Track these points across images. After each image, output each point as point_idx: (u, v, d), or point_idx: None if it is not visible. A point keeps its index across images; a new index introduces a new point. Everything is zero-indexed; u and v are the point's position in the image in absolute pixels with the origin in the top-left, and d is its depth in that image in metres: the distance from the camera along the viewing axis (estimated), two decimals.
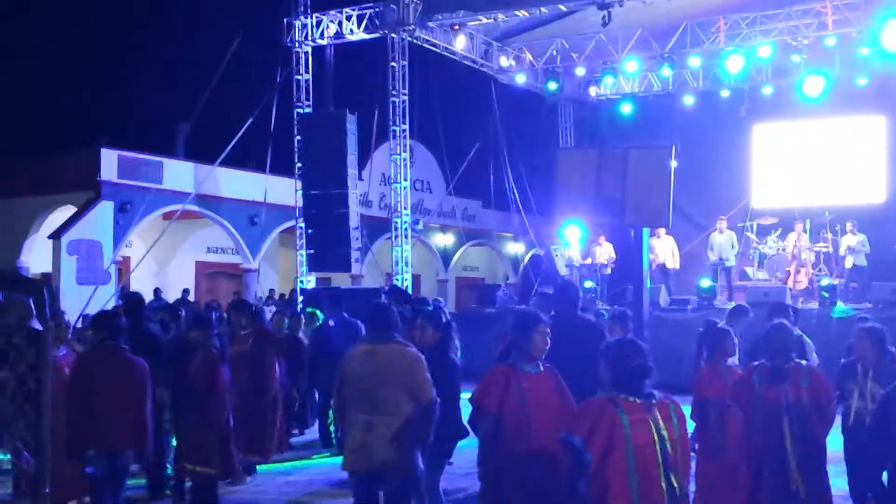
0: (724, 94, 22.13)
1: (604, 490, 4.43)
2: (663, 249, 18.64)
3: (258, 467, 9.81)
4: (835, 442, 6.49)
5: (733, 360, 7.25)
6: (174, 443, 8.68)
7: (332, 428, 11.14)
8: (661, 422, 4.45)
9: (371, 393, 5.84)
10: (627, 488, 4.38)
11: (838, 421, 6.71)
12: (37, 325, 4.57)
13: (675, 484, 4.42)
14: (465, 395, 5.84)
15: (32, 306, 4.35)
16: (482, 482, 5.38)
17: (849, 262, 17.90)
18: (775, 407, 5.80)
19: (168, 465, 8.88)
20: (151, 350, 7.98)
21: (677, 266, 18.94)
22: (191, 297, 21.59)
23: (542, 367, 5.32)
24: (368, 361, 5.92)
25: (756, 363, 6.21)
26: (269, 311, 13.87)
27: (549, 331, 5.33)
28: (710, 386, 6.88)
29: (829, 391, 6.05)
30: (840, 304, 16.48)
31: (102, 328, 7.03)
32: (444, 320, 7.28)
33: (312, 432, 12.24)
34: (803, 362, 6.17)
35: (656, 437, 4.41)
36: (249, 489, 9.28)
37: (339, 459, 6.59)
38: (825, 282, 17.28)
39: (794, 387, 5.85)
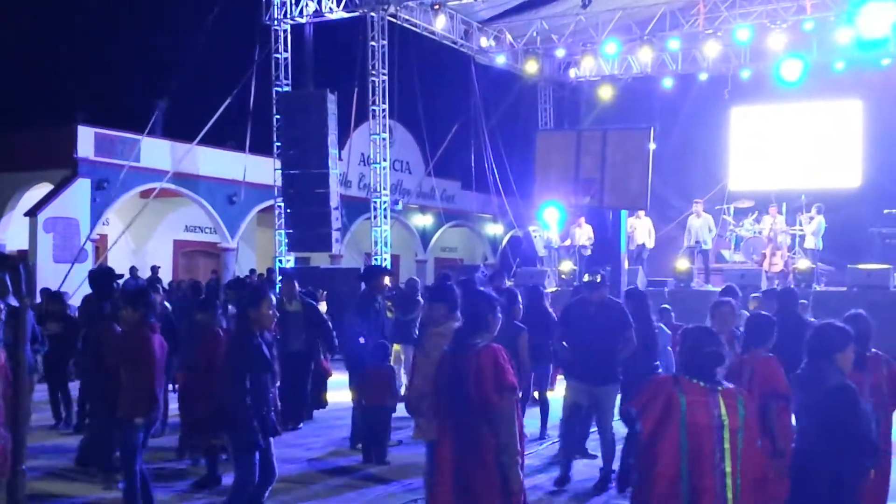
0: (703, 77, 22.19)
1: (653, 464, 4.45)
2: (642, 230, 18.73)
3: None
4: None
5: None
6: None
7: None
8: (723, 409, 4.40)
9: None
10: (676, 465, 4.39)
11: None
12: (13, 302, 4.55)
13: (728, 470, 4.38)
14: None
15: (9, 282, 4.31)
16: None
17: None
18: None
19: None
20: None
21: (652, 246, 19.05)
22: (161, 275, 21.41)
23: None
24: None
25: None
26: None
27: None
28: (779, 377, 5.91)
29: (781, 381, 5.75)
30: (816, 287, 16.63)
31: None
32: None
33: None
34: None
35: (715, 423, 4.38)
36: None
37: None
38: (801, 265, 17.44)
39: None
